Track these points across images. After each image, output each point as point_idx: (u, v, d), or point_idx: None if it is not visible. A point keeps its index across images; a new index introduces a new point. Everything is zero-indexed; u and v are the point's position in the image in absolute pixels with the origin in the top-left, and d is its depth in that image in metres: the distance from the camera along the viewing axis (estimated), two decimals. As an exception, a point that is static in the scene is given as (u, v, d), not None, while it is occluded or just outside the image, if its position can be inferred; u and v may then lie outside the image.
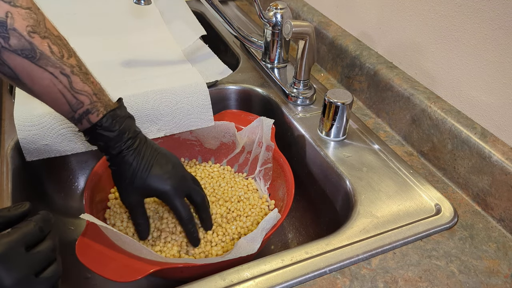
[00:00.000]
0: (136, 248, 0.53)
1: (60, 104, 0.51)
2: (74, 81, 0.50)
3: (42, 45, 0.48)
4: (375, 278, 0.50)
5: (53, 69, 0.49)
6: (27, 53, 0.47)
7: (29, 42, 0.47)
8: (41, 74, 0.48)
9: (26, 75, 0.48)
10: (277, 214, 0.57)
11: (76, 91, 0.51)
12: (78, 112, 0.52)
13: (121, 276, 0.48)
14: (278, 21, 0.81)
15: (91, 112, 0.52)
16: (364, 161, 0.66)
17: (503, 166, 0.56)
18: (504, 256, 0.54)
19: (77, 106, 0.51)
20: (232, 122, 0.73)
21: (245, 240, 0.54)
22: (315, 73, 0.89)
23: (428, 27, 0.66)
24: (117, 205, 0.66)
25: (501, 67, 0.56)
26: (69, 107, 0.51)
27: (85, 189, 0.61)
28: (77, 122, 0.53)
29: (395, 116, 0.72)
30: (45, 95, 0.50)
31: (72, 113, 0.52)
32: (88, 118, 0.52)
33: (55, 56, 0.49)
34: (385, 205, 0.59)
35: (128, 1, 0.98)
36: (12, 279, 0.37)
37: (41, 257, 0.40)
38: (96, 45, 0.87)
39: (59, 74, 0.49)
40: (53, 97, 0.50)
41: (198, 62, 0.85)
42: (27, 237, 0.40)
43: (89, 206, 0.59)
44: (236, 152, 0.75)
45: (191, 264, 0.52)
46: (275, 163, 0.70)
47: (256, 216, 0.66)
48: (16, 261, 0.38)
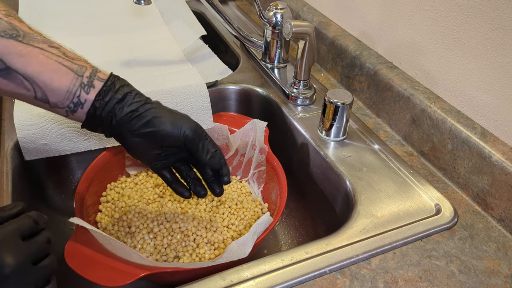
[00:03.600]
0: (126, 252, 0.53)
1: (63, 75, 0.47)
2: (65, 51, 0.48)
3: (21, 25, 0.46)
4: (375, 278, 0.50)
5: (41, 44, 0.46)
6: (10, 32, 0.44)
7: (8, 22, 0.45)
8: (32, 51, 0.45)
9: (17, 57, 0.44)
10: (269, 218, 0.56)
11: (72, 58, 0.48)
12: (85, 75, 0.48)
13: (111, 281, 0.47)
14: (278, 21, 0.81)
15: (98, 71, 0.49)
16: (364, 161, 0.66)
17: (503, 166, 0.56)
18: (504, 256, 0.54)
19: (81, 70, 0.48)
20: (225, 125, 0.73)
21: (236, 244, 0.54)
22: (315, 73, 0.89)
23: (428, 27, 0.66)
24: (108, 208, 0.66)
25: (501, 67, 0.56)
26: (74, 73, 0.47)
27: (75, 193, 0.61)
28: (89, 87, 0.48)
29: (395, 116, 0.72)
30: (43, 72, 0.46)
31: (80, 79, 0.47)
32: (98, 77, 0.49)
33: (37, 34, 0.46)
34: (385, 205, 0.59)
35: (128, 1, 0.98)
36: (11, 267, 0.37)
37: (37, 247, 0.41)
38: (96, 45, 0.87)
39: (48, 47, 0.46)
40: (52, 68, 0.46)
41: (198, 62, 0.85)
42: (22, 228, 0.41)
43: (79, 210, 0.59)
44: (230, 155, 0.75)
45: (181, 268, 0.51)
46: (268, 166, 0.70)
47: (249, 220, 0.66)
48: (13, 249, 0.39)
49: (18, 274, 0.38)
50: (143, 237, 0.62)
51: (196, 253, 0.61)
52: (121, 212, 0.65)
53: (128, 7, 1.00)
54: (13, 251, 0.39)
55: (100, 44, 0.87)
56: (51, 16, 0.93)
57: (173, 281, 0.52)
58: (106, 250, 0.52)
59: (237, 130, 0.73)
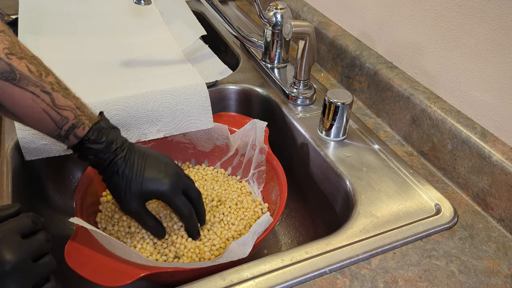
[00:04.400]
0: (126, 252, 0.53)
1: (45, 124, 0.50)
2: (56, 98, 0.50)
3: (20, 66, 0.48)
4: (375, 278, 0.50)
5: (34, 88, 0.48)
6: (7, 75, 0.47)
7: (8, 64, 0.47)
8: (23, 94, 0.48)
9: (8, 98, 0.47)
10: (269, 218, 0.56)
11: (60, 107, 0.51)
12: (64, 128, 0.51)
13: (111, 281, 0.48)
14: (278, 21, 0.81)
15: (77, 126, 0.52)
16: (364, 161, 0.66)
17: (503, 166, 0.56)
18: (504, 256, 0.54)
19: (62, 122, 0.51)
20: (225, 125, 0.73)
21: (236, 244, 0.54)
22: (315, 73, 0.89)
23: (428, 27, 0.66)
24: (108, 208, 0.65)
25: (501, 67, 0.56)
26: (54, 124, 0.51)
27: (75, 193, 0.61)
28: (64, 139, 0.52)
29: (395, 116, 0.72)
30: (28, 116, 0.49)
31: (58, 130, 0.51)
32: (74, 133, 0.52)
33: (34, 76, 0.49)
34: (385, 205, 0.59)
35: (128, 1, 0.98)
36: (11, 264, 0.38)
37: (37, 245, 0.42)
38: (96, 45, 0.87)
39: (40, 92, 0.49)
40: (37, 117, 0.50)
41: (198, 62, 0.85)
42: (22, 227, 0.42)
43: (79, 210, 0.59)
44: (230, 155, 0.75)
45: (181, 268, 0.51)
46: (268, 165, 0.70)
47: (249, 220, 0.66)
48: (14, 246, 0.39)
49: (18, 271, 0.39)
50: (143, 237, 0.62)
51: (196, 253, 0.61)
52: (121, 212, 0.65)
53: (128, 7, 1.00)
54: (14, 248, 0.39)
55: (100, 44, 0.87)
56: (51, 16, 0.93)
57: (173, 281, 0.52)
58: (106, 250, 0.52)
59: (237, 130, 0.73)
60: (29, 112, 0.49)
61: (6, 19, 0.99)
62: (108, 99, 0.66)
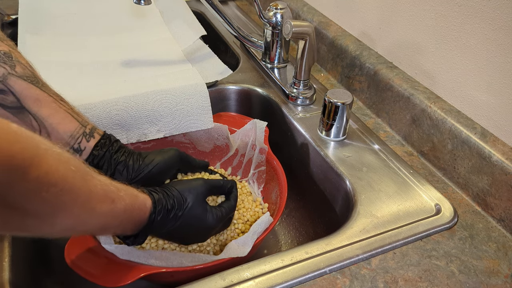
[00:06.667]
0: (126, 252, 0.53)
1: (70, 121, 0.54)
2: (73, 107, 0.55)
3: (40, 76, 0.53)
4: (375, 278, 0.50)
5: (55, 96, 0.53)
6: (31, 79, 0.51)
7: (32, 71, 0.52)
8: (47, 97, 0.52)
9: (33, 99, 0.51)
10: (269, 218, 0.56)
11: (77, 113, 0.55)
12: (88, 126, 0.55)
13: (111, 281, 0.48)
14: (278, 21, 0.81)
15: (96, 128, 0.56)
16: (364, 161, 0.66)
17: (503, 166, 0.56)
18: (504, 256, 0.54)
19: (85, 123, 0.55)
20: (225, 125, 0.73)
21: (236, 244, 0.54)
22: (315, 73, 0.89)
23: (428, 27, 0.66)
24: None
25: (501, 67, 0.56)
26: (79, 123, 0.54)
27: None
28: (89, 136, 0.55)
29: (395, 116, 0.72)
30: (54, 115, 0.52)
31: (83, 128, 0.54)
32: (98, 132, 0.56)
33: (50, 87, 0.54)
34: (385, 205, 0.59)
35: (128, 1, 0.98)
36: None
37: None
38: (96, 45, 0.87)
39: (60, 99, 0.54)
40: (62, 115, 0.53)
41: (198, 62, 0.85)
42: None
43: None
44: (230, 155, 0.75)
45: (181, 268, 0.51)
46: (268, 166, 0.70)
47: (249, 220, 0.66)
48: None
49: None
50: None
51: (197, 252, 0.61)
52: None
53: (128, 7, 1.00)
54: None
55: (100, 44, 0.87)
56: (51, 16, 0.93)
57: (173, 281, 0.52)
58: (106, 250, 0.52)
59: (237, 130, 0.73)
60: (54, 112, 0.52)
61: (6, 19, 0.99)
62: (108, 99, 0.66)
